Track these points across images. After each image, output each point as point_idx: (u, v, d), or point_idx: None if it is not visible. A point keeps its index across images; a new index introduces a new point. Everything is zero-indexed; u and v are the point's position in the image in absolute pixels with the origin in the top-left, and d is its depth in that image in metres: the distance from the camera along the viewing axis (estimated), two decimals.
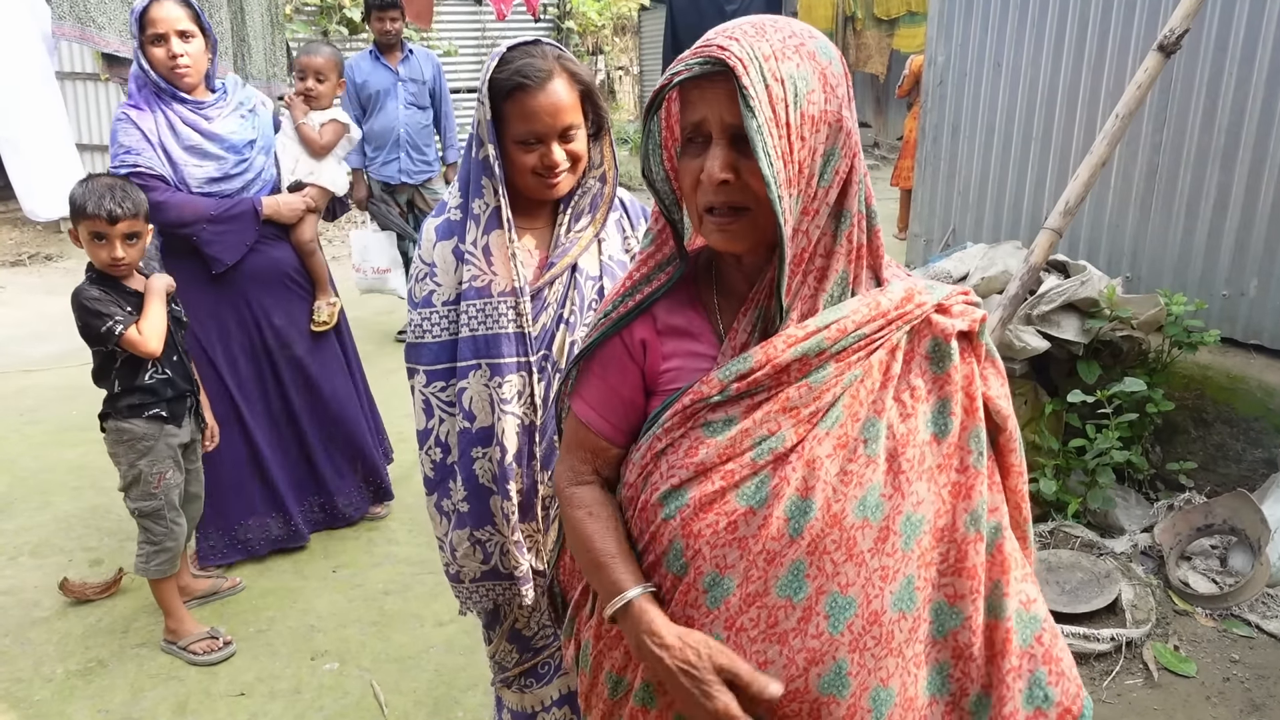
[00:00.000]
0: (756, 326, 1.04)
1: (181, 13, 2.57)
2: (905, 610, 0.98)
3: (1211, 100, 3.22)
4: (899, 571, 0.98)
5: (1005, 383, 1.07)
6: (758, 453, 0.99)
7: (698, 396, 1.02)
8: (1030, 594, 1.05)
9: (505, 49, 1.50)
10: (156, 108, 2.62)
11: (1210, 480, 3.15)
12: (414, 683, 2.46)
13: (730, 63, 0.92)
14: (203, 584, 2.86)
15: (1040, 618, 1.05)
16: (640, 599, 1.03)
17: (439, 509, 1.64)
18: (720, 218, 0.99)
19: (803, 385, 0.99)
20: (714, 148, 0.96)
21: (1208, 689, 2.37)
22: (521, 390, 1.56)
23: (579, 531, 1.12)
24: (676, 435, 1.04)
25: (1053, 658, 1.05)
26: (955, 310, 1.04)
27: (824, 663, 0.97)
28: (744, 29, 0.96)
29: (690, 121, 0.99)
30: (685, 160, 1.01)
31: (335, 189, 3.05)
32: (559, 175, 1.51)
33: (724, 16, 6.74)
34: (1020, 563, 1.05)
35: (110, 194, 2.30)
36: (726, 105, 0.94)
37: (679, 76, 0.95)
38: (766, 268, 1.04)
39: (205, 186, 2.68)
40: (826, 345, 0.98)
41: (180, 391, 2.53)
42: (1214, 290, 3.29)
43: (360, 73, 4.72)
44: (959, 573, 1.01)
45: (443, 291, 1.56)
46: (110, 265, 2.36)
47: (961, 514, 1.01)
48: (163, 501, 2.50)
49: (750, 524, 0.99)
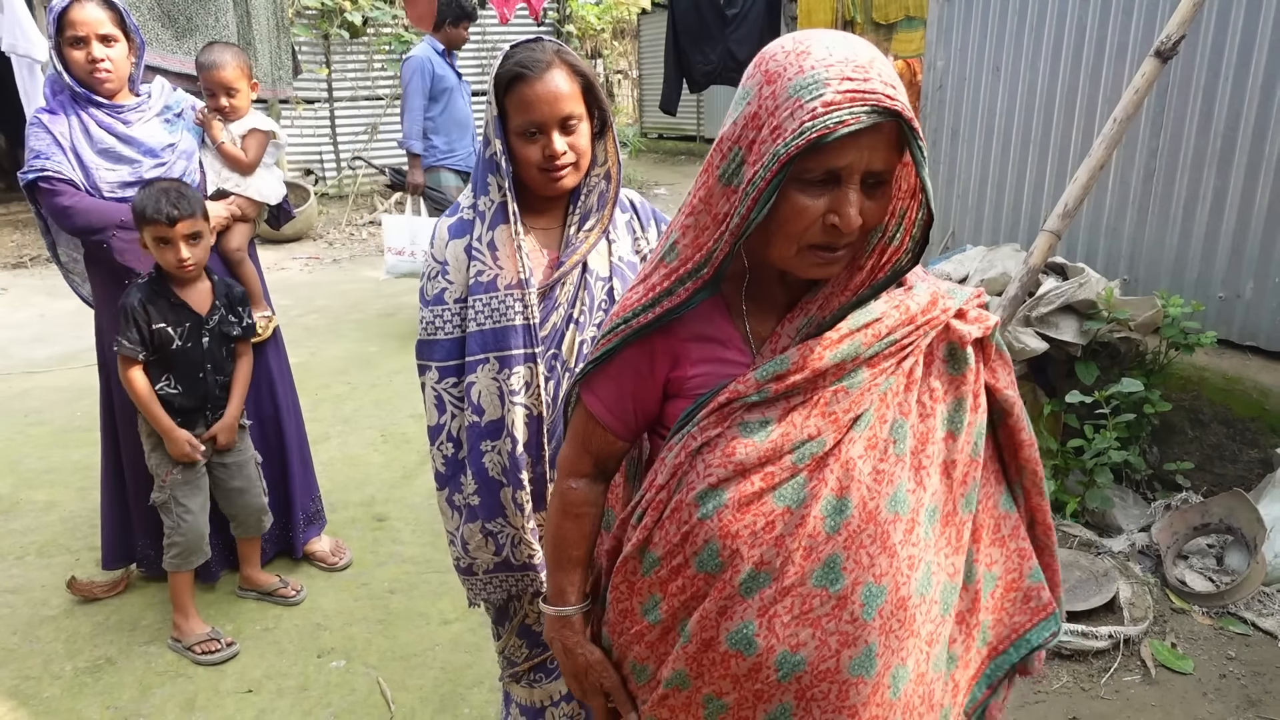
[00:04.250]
0: (801, 333, 1.06)
1: (104, 15, 2.45)
2: (924, 594, 1.06)
3: (1208, 104, 3.25)
4: (921, 559, 1.05)
5: (1011, 373, 1.14)
6: (798, 456, 1.02)
7: (734, 395, 1.04)
8: (994, 556, 1.16)
9: (509, 47, 1.53)
10: (71, 111, 2.51)
11: (1207, 480, 3.18)
12: (420, 680, 2.48)
13: (906, 115, 0.90)
14: (267, 580, 2.87)
15: (996, 576, 1.16)
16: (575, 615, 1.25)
17: (450, 503, 1.67)
18: (829, 253, 0.99)
19: (839, 389, 1.02)
20: (848, 193, 0.95)
21: (1205, 686, 2.40)
22: (529, 382, 1.58)
23: (558, 528, 1.25)
24: (713, 434, 1.05)
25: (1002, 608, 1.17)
26: (971, 316, 1.09)
27: (857, 646, 1.02)
28: (880, 69, 0.92)
29: (827, 166, 0.94)
30: (800, 199, 0.96)
31: (267, 199, 2.89)
32: (563, 168, 1.53)
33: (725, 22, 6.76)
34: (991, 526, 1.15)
35: (166, 196, 2.33)
36: (875, 153, 0.93)
37: (846, 128, 0.89)
38: (815, 281, 1.06)
39: (119, 191, 2.54)
40: (862, 350, 1.02)
41: (194, 406, 2.55)
42: (1210, 292, 3.33)
43: (437, 68, 5.05)
44: (957, 550, 1.10)
45: (454, 289, 1.59)
46: (178, 267, 2.40)
47: (959, 499, 1.09)
48: (168, 495, 2.53)
49: (788, 523, 1.02)
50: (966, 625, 1.14)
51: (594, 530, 1.23)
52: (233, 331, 2.60)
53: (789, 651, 1.02)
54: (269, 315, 2.92)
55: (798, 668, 1.02)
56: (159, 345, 2.46)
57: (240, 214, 2.81)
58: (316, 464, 3.22)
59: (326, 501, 3.30)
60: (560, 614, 1.25)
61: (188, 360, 2.50)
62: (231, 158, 2.81)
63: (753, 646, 1.03)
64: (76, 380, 4.75)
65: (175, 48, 3.63)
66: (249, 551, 2.85)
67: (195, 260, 2.41)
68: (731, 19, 6.67)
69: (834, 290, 1.06)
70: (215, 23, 3.59)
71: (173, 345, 2.47)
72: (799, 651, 1.02)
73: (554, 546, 1.26)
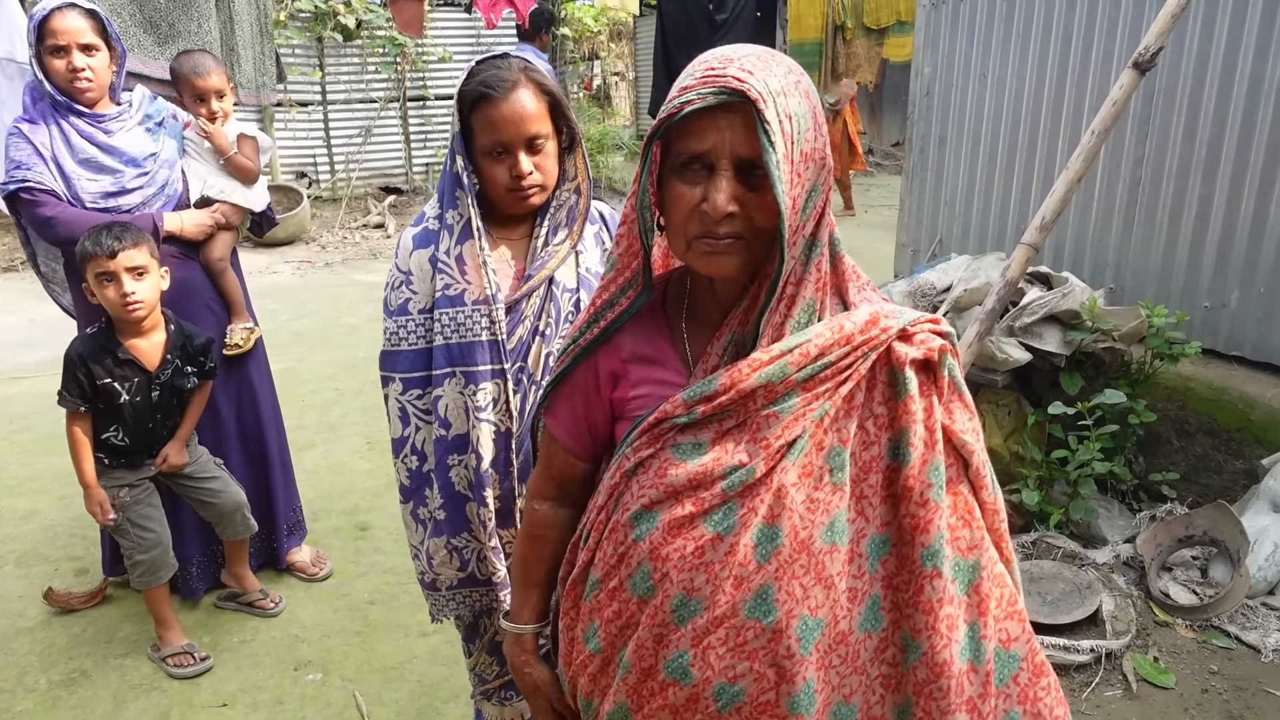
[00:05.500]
0: (728, 351, 1.05)
1: (85, 25, 2.42)
2: (871, 630, 1.00)
3: (1193, 113, 3.25)
4: (866, 592, 1.00)
5: (973, 417, 1.04)
6: (729, 483, 1.00)
7: (663, 415, 1.03)
8: (1012, 631, 1.04)
9: (474, 64, 1.52)
10: (52, 121, 2.48)
11: (1193, 491, 3.17)
12: (396, 693, 2.46)
13: (752, 95, 0.91)
14: (252, 582, 2.84)
15: (1019, 656, 1.04)
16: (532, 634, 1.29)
17: (415, 517, 1.65)
18: (714, 242, 0.98)
19: (770, 414, 0.99)
20: (719, 179, 0.95)
21: (1186, 700, 2.39)
22: (496, 397, 1.58)
23: (520, 548, 1.29)
24: (645, 455, 1.05)
25: (1029, 697, 1.04)
26: (917, 338, 1.01)
27: (794, 682, 0.98)
28: (753, 62, 0.94)
29: (692, 150, 0.96)
30: (678, 187, 0.98)
31: (253, 206, 2.86)
32: (530, 188, 1.52)
33: (714, 27, 6.76)
34: (1003, 599, 1.03)
35: (107, 231, 2.26)
36: (737, 137, 0.94)
37: (692, 105, 0.93)
38: (741, 296, 1.05)
39: (101, 201, 2.51)
40: (791, 371, 0.98)
41: (141, 449, 2.49)
42: (1196, 301, 3.32)
43: None
44: (915, 606, 1.00)
45: (419, 300, 1.58)
46: (123, 305, 2.29)
47: (919, 548, 0.99)
48: (121, 518, 2.48)
49: (718, 549, 1.00)
50: (979, 715, 1.00)
51: (555, 554, 1.24)
52: (186, 385, 2.52)
53: (726, 683, 1.00)
54: (250, 327, 2.88)
55: (737, 698, 1.00)
56: (105, 398, 2.39)
57: (224, 222, 2.78)
58: (301, 472, 3.21)
59: (309, 510, 3.29)
60: (513, 630, 1.30)
61: (135, 413, 2.44)
62: (241, 168, 2.79)
63: (688, 676, 1.01)
64: None
65: (158, 54, 3.62)
66: (237, 551, 2.81)
67: (142, 298, 2.30)
68: (720, 24, 6.67)
69: (751, 304, 1.04)
70: (198, 29, 3.57)
71: (119, 400, 2.40)
72: (737, 683, 1.00)
73: (517, 565, 1.30)
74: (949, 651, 0.98)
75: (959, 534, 1.01)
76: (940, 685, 0.99)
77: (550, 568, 1.25)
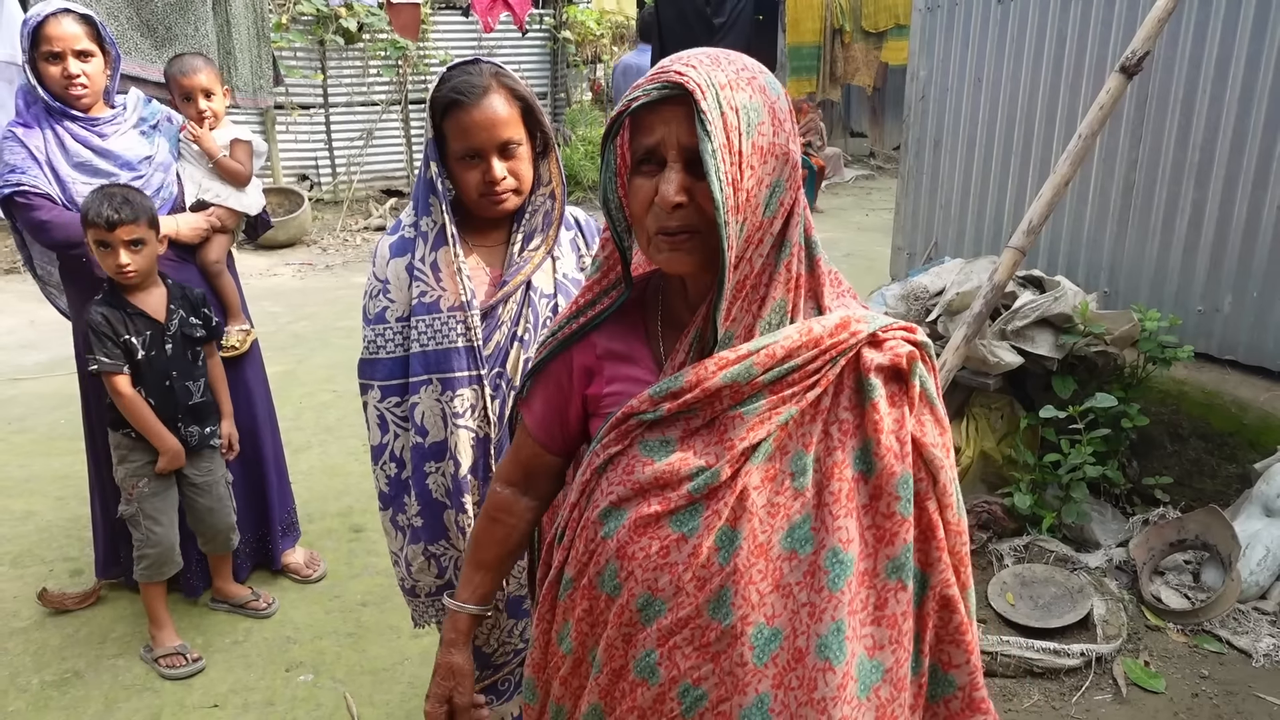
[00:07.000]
0: (693, 349, 1.05)
1: (80, 30, 2.44)
2: (833, 662, 0.94)
3: (1186, 116, 3.24)
4: (827, 613, 0.95)
5: (944, 432, 1.02)
6: (695, 485, 1.00)
7: (630, 410, 1.04)
8: (955, 658, 1.03)
9: (446, 69, 1.52)
10: (46, 125, 2.50)
11: (1186, 495, 3.17)
12: (387, 695, 2.47)
13: (689, 87, 0.93)
14: (239, 591, 2.86)
15: (956, 683, 1.03)
16: (468, 615, 1.30)
17: (394, 524, 1.66)
18: (669, 237, 1.00)
19: (736, 415, 0.99)
20: (669, 171, 0.97)
21: (1176, 705, 2.39)
22: (474, 404, 1.58)
23: (477, 527, 1.31)
24: (614, 451, 1.06)
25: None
26: (887, 345, 1.00)
27: (746, 694, 0.97)
28: (700, 59, 0.97)
29: (644, 145, 0.99)
30: (638, 183, 1.01)
31: (248, 210, 2.87)
32: (503, 192, 1.53)
33: (711, 31, 6.74)
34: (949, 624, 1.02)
35: (109, 200, 2.30)
36: (683, 129, 0.96)
37: (636, 102, 0.96)
38: (709, 294, 1.05)
39: None
40: (757, 372, 0.97)
41: (165, 417, 2.51)
42: (1189, 305, 3.31)
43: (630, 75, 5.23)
44: (878, 621, 0.97)
45: (396, 308, 1.59)
46: (117, 272, 2.36)
47: (883, 560, 0.97)
48: (136, 509, 2.52)
49: (682, 550, 1.00)
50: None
51: (509, 540, 1.28)
52: (196, 334, 2.56)
53: (691, 685, 1.00)
54: (246, 329, 2.89)
55: (700, 702, 1.00)
56: (127, 356, 2.45)
57: (220, 225, 2.80)
58: (296, 473, 3.22)
59: (304, 512, 3.30)
60: (451, 606, 1.31)
61: (153, 369, 2.48)
62: (231, 171, 2.79)
63: (656, 675, 1.01)
64: (62, 387, 4.74)
65: (155, 57, 3.63)
66: (219, 565, 2.84)
67: (136, 268, 2.36)
68: (719, 28, 6.66)
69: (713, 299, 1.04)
70: (195, 32, 3.58)
71: (137, 355, 2.45)
72: (700, 685, 1.00)
73: (470, 544, 1.32)
74: (906, 667, 0.99)
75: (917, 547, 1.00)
76: (901, 701, 0.98)
77: (501, 552, 1.29)
